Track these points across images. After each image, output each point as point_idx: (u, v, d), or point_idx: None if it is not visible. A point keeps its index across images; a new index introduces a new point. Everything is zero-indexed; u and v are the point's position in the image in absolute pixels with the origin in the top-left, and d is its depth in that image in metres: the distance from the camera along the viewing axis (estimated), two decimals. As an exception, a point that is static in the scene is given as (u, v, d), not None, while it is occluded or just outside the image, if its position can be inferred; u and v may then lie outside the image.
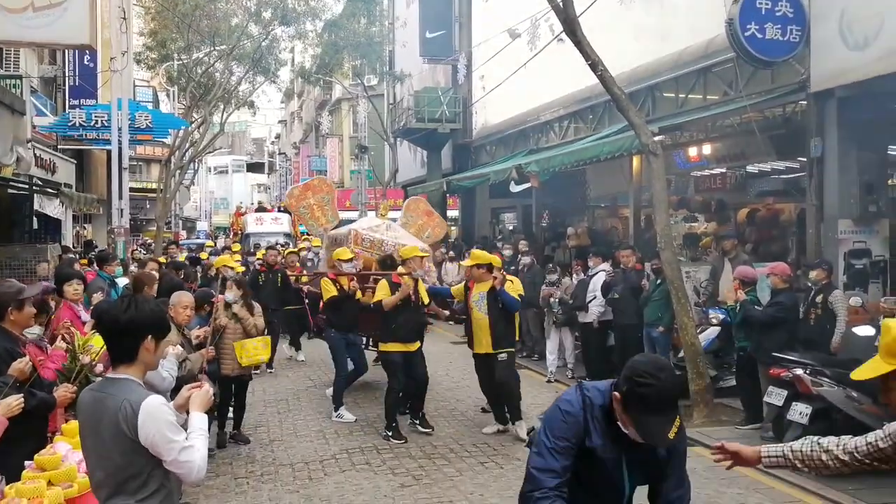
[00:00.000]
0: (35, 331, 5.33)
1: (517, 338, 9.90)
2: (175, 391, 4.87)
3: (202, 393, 3.27)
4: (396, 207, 17.19)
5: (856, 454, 2.71)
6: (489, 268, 8.56)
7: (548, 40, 14.20)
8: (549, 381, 11.42)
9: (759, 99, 10.59)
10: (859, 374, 2.53)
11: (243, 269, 11.03)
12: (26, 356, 4.77)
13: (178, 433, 3.01)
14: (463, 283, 9.21)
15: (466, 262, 9.21)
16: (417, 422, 8.87)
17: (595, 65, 9.14)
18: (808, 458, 2.84)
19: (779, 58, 9.58)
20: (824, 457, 2.78)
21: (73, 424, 4.86)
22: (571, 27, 9.00)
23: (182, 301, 6.65)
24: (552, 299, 11.41)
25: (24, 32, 10.10)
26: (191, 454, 3.01)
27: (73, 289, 7.56)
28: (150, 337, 3.09)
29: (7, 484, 4.16)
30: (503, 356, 8.48)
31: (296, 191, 12.57)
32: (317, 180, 13.14)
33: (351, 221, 13.75)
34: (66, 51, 20.02)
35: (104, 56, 19.82)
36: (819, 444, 2.81)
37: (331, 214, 12.05)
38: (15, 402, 4.22)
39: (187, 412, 3.23)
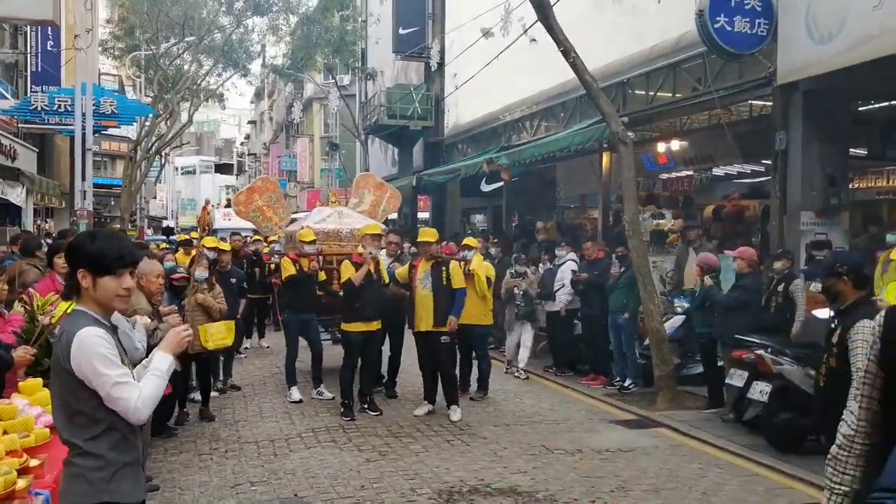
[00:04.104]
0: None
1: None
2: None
3: (174, 333, 3.14)
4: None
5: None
6: (437, 245, 8.84)
7: (519, 36, 14.27)
8: (506, 372, 11.31)
9: (727, 93, 10.72)
10: (890, 296, 2.52)
11: (229, 246, 10.83)
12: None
13: (112, 367, 2.82)
14: (407, 264, 9.27)
15: (418, 239, 9.26)
16: (366, 405, 8.87)
17: (567, 52, 9.22)
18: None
19: (746, 51, 9.69)
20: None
21: (31, 382, 4.79)
22: (545, 13, 9.07)
23: (153, 270, 6.58)
24: (517, 290, 11.24)
25: (-16, 6, 9.88)
26: (126, 391, 2.82)
27: (62, 261, 7.43)
28: (82, 270, 2.93)
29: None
30: (446, 338, 8.61)
31: (241, 196, 12.15)
32: (260, 181, 12.85)
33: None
34: (29, 34, 19.66)
35: (68, 39, 19.47)
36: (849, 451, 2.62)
37: (282, 211, 11.94)
38: None
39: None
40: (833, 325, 4.72)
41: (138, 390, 2.87)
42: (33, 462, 3.82)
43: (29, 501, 3.42)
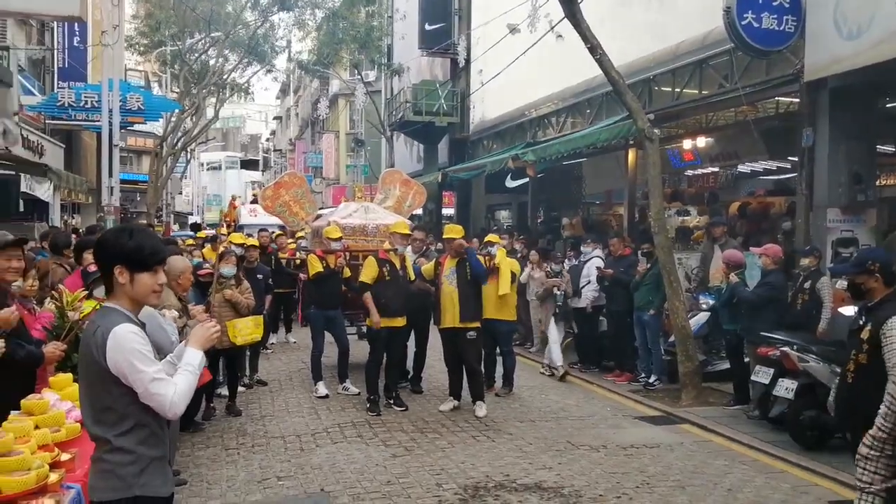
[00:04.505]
0: (17, 283, 5.29)
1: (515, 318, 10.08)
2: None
3: (203, 328, 3.16)
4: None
5: None
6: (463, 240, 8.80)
7: (546, 33, 14.24)
8: (551, 376, 10.83)
9: (754, 90, 10.65)
10: None
11: (258, 242, 10.96)
12: (13, 306, 4.73)
13: (149, 364, 2.87)
14: (434, 260, 9.32)
15: (445, 235, 9.31)
16: (392, 400, 8.93)
17: (594, 48, 9.20)
18: None
19: (774, 47, 9.63)
20: None
21: (61, 377, 4.85)
22: (572, 9, 9.05)
23: (181, 266, 6.65)
24: (556, 290, 10.94)
25: (11, 1, 9.96)
26: (163, 387, 2.87)
27: (91, 257, 7.53)
28: (120, 266, 2.97)
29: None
30: (472, 334, 8.62)
31: (268, 191, 12.27)
32: (287, 176, 12.94)
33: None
34: (56, 31, 19.81)
35: (95, 35, 19.60)
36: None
37: (308, 206, 12.02)
38: None
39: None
40: (861, 322, 4.69)
41: (174, 386, 2.91)
42: (64, 456, 3.85)
43: (61, 495, 3.47)
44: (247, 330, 8.40)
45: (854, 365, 4.71)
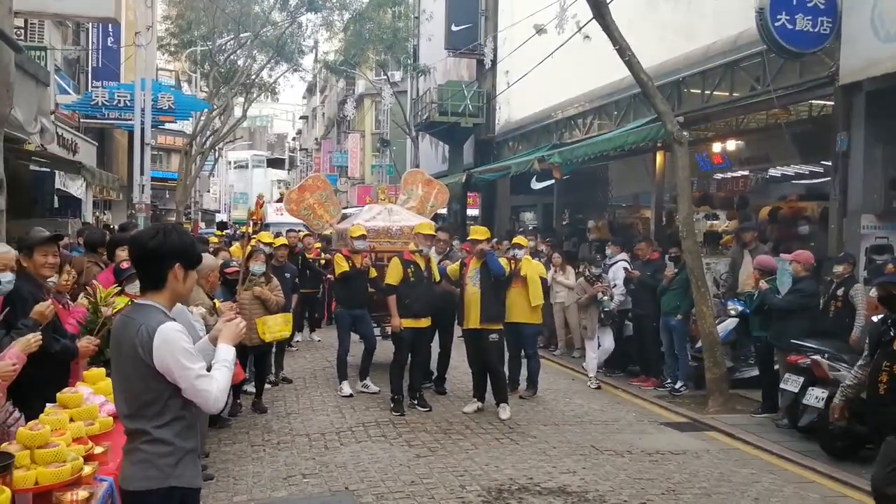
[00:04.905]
0: (53, 279, 5.37)
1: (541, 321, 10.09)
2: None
3: (232, 325, 3.25)
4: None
5: None
6: (487, 242, 8.86)
7: (573, 34, 14.18)
8: (597, 388, 10.38)
9: (787, 92, 10.52)
10: None
11: (284, 241, 11.04)
12: (49, 301, 4.80)
13: (194, 361, 2.97)
14: (459, 262, 9.33)
15: (470, 237, 9.33)
16: (416, 401, 8.93)
17: (623, 50, 9.14)
18: None
19: (808, 49, 9.49)
20: None
21: (94, 371, 4.91)
22: (600, 11, 9.00)
23: (212, 265, 6.70)
24: (601, 296, 10.47)
25: (49, 3, 10.13)
26: (207, 383, 2.98)
27: (125, 254, 7.60)
28: (178, 265, 3.09)
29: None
30: (494, 336, 8.64)
31: (293, 195, 12.29)
32: (311, 179, 12.97)
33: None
34: (90, 31, 20.12)
35: (128, 36, 19.94)
36: None
37: (333, 209, 12.04)
38: (33, 338, 4.22)
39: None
40: (892, 333, 4.62)
41: (216, 382, 3.02)
42: (98, 449, 3.91)
43: (94, 487, 3.52)
44: (276, 327, 8.49)
45: (888, 376, 4.64)
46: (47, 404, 4.31)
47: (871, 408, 4.94)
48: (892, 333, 4.64)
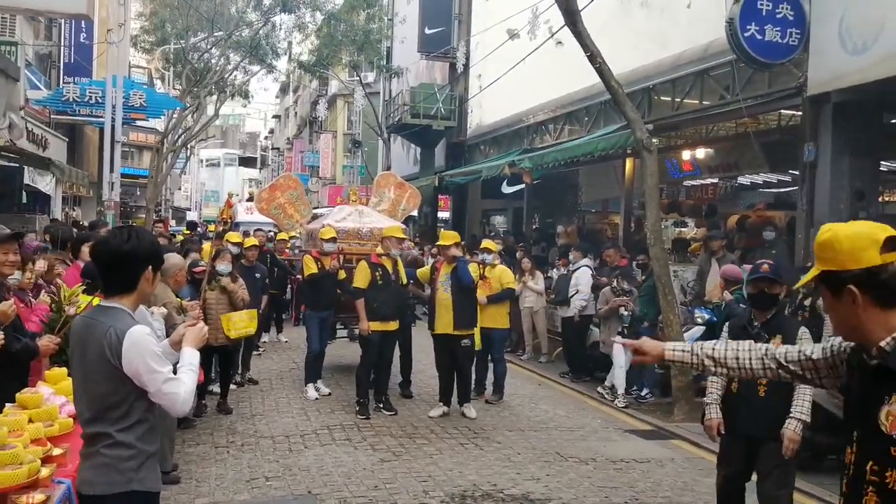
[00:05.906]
0: (15, 277, 5.28)
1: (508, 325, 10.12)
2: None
3: (195, 330, 3.27)
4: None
5: (783, 361, 2.70)
6: (457, 247, 8.80)
7: (546, 40, 14.24)
8: (613, 400, 9.92)
9: (756, 102, 10.64)
10: (801, 282, 2.54)
11: (256, 241, 10.95)
12: (11, 300, 4.72)
13: (163, 364, 2.97)
14: (430, 266, 9.33)
15: (439, 242, 9.31)
16: (381, 405, 8.89)
17: (594, 56, 9.17)
18: (723, 360, 2.82)
19: (777, 60, 9.60)
20: (755, 364, 2.76)
21: (56, 371, 4.83)
22: (572, 18, 9.03)
23: (178, 264, 6.64)
24: (623, 311, 10.13)
25: (22, -1, 9.99)
26: (175, 386, 2.99)
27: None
28: (150, 267, 3.11)
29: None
30: (466, 342, 8.67)
31: (263, 194, 12.22)
32: (282, 178, 12.94)
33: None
34: (63, 27, 19.89)
35: (101, 32, 19.73)
36: (746, 349, 2.80)
37: (303, 209, 11.99)
38: None
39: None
40: (765, 335, 4.70)
41: (183, 385, 3.02)
42: (56, 451, 3.85)
43: (51, 490, 3.45)
44: (241, 323, 8.45)
45: (766, 380, 4.67)
46: (6, 404, 4.24)
47: (751, 412, 4.97)
48: (765, 336, 4.70)
